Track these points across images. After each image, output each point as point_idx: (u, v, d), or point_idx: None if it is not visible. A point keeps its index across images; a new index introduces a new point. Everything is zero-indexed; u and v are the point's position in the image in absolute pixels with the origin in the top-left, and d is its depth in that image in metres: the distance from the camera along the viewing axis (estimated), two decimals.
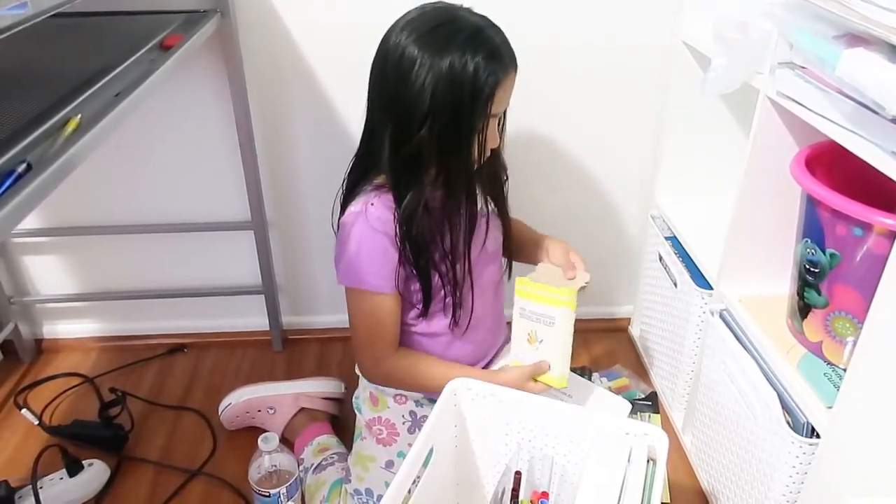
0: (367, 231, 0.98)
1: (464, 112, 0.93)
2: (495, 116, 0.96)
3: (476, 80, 0.91)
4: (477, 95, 0.92)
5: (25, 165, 0.63)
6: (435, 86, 0.91)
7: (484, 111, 0.93)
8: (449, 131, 0.94)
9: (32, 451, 1.20)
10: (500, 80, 0.93)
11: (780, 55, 0.91)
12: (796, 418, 0.89)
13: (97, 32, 1.12)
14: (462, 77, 0.91)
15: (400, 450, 1.12)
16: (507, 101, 0.98)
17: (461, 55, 0.91)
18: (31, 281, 1.52)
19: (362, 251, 0.99)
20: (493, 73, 0.92)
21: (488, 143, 0.98)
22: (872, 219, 0.80)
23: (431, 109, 0.93)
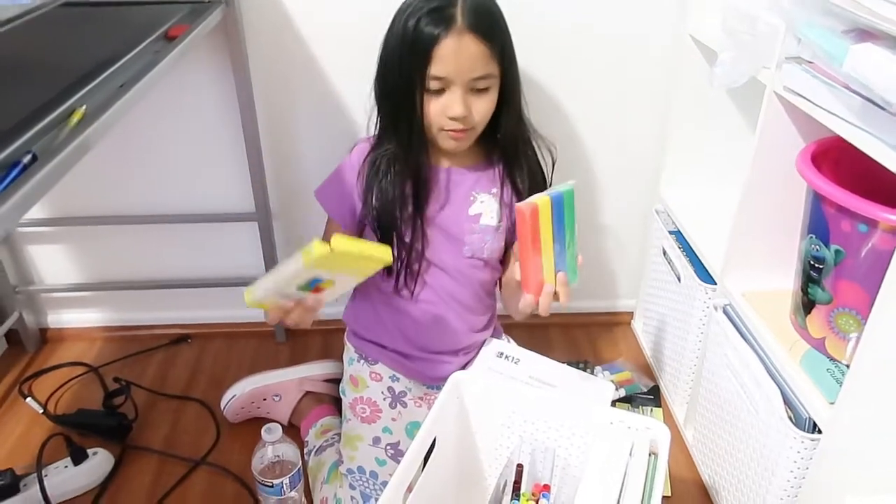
0: (345, 162, 1.12)
1: (405, 63, 0.97)
2: (441, 79, 0.97)
3: (415, 31, 0.95)
4: (414, 48, 0.96)
5: (31, 156, 0.63)
6: (395, 32, 0.98)
7: (421, 66, 0.96)
8: (395, 80, 1.00)
9: (37, 440, 1.21)
10: (439, 37, 0.94)
11: (787, 50, 0.91)
12: (798, 413, 0.89)
13: (101, 22, 1.12)
14: (408, 27, 0.96)
15: (384, 425, 1.16)
16: (461, 65, 0.96)
17: (417, 7, 0.95)
18: (36, 270, 1.53)
19: (335, 176, 1.14)
20: (430, 29, 0.94)
21: (446, 111, 0.99)
22: (878, 215, 0.80)
23: (388, 56, 1.00)
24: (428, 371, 1.18)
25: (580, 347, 1.56)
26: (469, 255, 1.12)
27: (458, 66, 0.96)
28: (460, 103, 0.98)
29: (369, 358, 1.21)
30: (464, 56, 0.96)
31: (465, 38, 0.95)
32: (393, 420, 1.16)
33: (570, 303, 0.94)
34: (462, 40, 0.95)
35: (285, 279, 0.87)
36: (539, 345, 1.20)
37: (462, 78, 0.97)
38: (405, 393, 1.19)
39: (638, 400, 1.39)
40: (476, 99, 1.00)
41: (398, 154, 1.05)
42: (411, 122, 1.01)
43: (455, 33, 0.94)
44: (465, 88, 0.98)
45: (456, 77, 0.97)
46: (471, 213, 1.11)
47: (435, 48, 0.94)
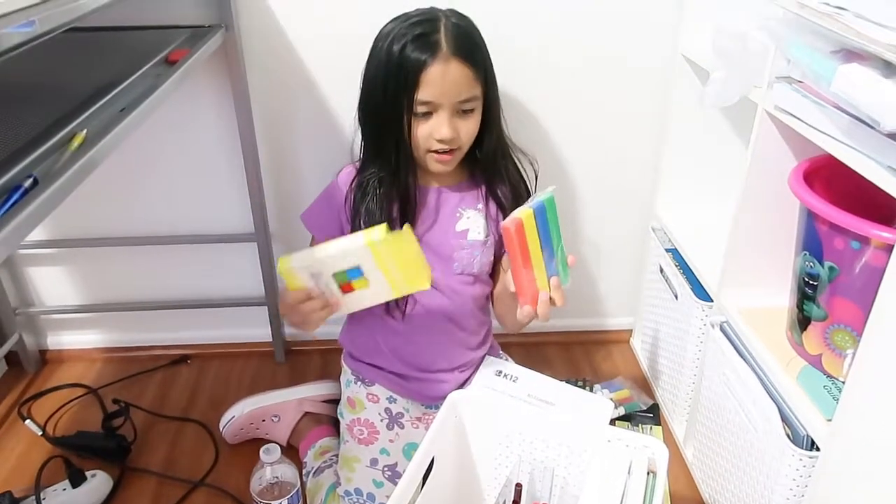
0: (332, 185, 1.14)
1: (390, 88, 0.99)
2: (428, 103, 0.99)
3: (401, 57, 0.97)
4: (400, 74, 0.97)
5: (32, 180, 0.64)
6: (379, 56, 1.00)
7: (409, 92, 0.97)
8: (381, 104, 1.01)
9: (36, 462, 1.21)
10: (425, 63, 0.96)
11: (777, 69, 0.92)
12: (796, 431, 0.89)
13: (103, 47, 1.13)
14: (393, 53, 0.98)
15: (381, 447, 1.16)
16: (447, 89, 0.98)
17: (402, 32, 0.98)
18: (36, 292, 1.53)
19: (320, 199, 1.16)
20: (417, 55, 0.96)
21: (433, 133, 1.01)
22: (870, 232, 0.80)
23: (373, 80, 1.02)
24: (425, 391, 1.18)
25: (579, 365, 1.56)
26: (459, 271, 1.13)
27: (444, 91, 0.98)
28: (447, 126, 1.00)
29: (366, 379, 1.21)
30: (450, 80, 0.98)
31: (451, 64, 0.97)
32: (390, 441, 1.16)
33: (567, 310, 0.99)
34: (448, 66, 0.97)
35: (331, 255, 0.88)
36: (537, 363, 1.21)
37: (449, 101, 1.00)
38: (402, 414, 1.19)
39: (637, 418, 1.39)
40: (462, 121, 1.02)
41: (384, 176, 1.06)
42: (398, 146, 1.03)
43: (441, 59, 0.97)
44: (451, 111, 1.01)
45: (443, 101, 0.99)
46: (458, 230, 1.13)
47: (422, 74, 0.96)
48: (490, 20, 1.08)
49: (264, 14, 1.25)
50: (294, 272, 0.91)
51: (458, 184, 1.13)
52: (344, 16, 1.26)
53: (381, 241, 0.85)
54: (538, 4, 1.27)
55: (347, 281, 0.91)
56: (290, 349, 1.59)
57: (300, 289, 0.93)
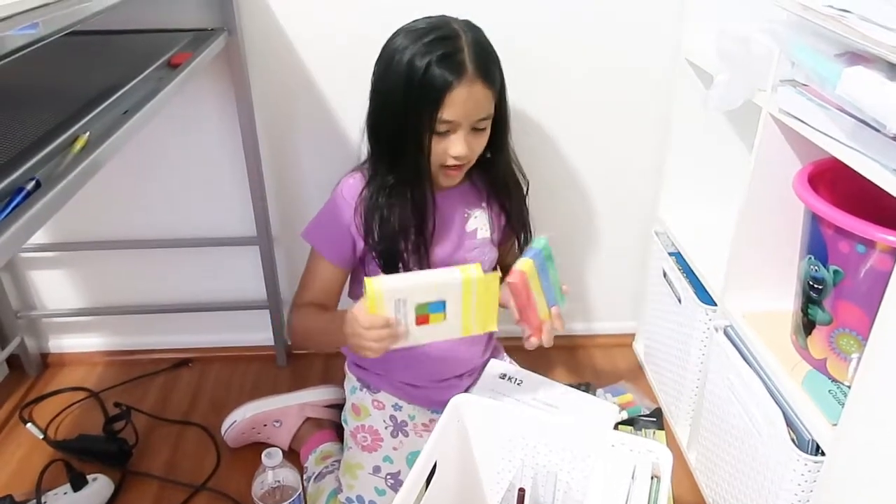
0: (336, 199, 1.10)
1: (411, 106, 0.97)
2: (449, 122, 0.98)
3: (425, 77, 0.95)
4: (424, 94, 0.96)
5: (34, 183, 0.64)
6: (397, 73, 0.98)
7: (431, 111, 0.96)
8: (399, 121, 1.00)
9: (37, 466, 1.21)
10: (451, 85, 0.95)
11: (781, 72, 0.92)
12: (801, 435, 0.89)
13: (106, 50, 1.14)
14: (415, 72, 0.96)
15: (385, 454, 1.15)
16: (469, 109, 0.98)
17: (423, 51, 0.96)
18: (38, 295, 1.53)
19: (325, 215, 1.11)
20: (444, 76, 0.95)
21: (449, 150, 1.01)
22: (875, 236, 0.80)
23: (390, 96, 1.00)
24: (434, 396, 1.18)
25: (582, 370, 1.56)
26: None
27: (466, 112, 0.98)
28: (464, 144, 1.00)
29: (372, 386, 1.20)
30: (472, 102, 0.98)
31: (475, 86, 0.97)
32: (394, 449, 1.15)
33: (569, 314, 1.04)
34: (473, 87, 0.97)
35: (422, 285, 0.89)
36: (540, 367, 1.20)
37: (468, 121, 1.00)
38: (407, 422, 1.18)
39: (640, 422, 1.38)
40: (474, 137, 1.02)
41: (397, 187, 1.04)
42: (416, 160, 1.01)
43: (467, 81, 0.96)
44: (467, 130, 1.01)
45: (463, 121, 0.99)
46: (468, 230, 1.13)
47: (448, 94, 0.96)
48: (493, 26, 1.08)
49: (267, 17, 1.26)
50: (383, 296, 0.89)
51: (461, 185, 1.13)
52: (346, 19, 1.26)
53: (477, 279, 0.88)
54: (541, 10, 1.27)
55: (426, 313, 0.91)
56: (292, 353, 1.59)
57: (381, 314, 0.89)
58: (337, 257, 1.10)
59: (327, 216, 1.11)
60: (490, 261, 1.17)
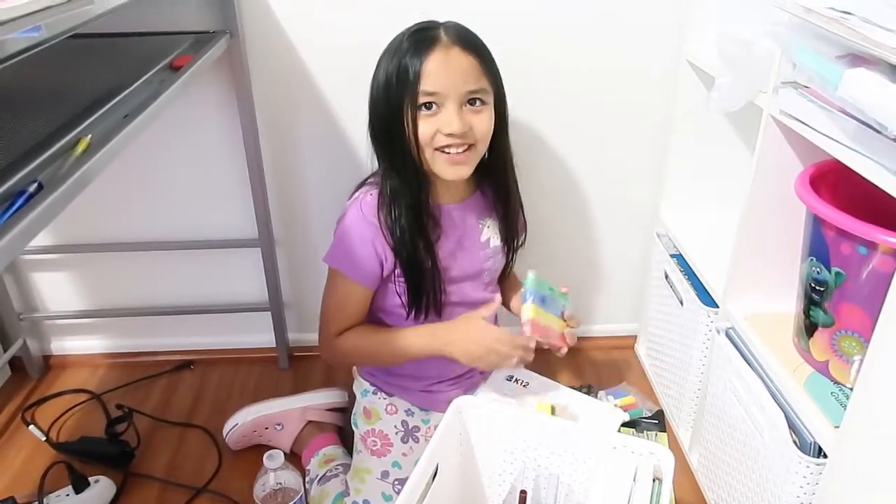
0: (357, 219, 1.04)
1: (395, 89, 0.96)
2: (433, 94, 0.95)
3: (403, 58, 0.95)
4: (404, 69, 0.95)
5: (36, 185, 0.64)
6: (384, 65, 0.99)
7: (412, 89, 0.95)
8: (388, 111, 0.98)
9: (39, 468, 1.21)
10: (427, 52, 0.94)
11: (783, 74, 0.92)
12: (803, 438, 0.89)
13: (108, 53, 1.14)
14: (395, 54, 0.96)
15: (394, 460, 1.15)
16: (453, 79, 0.95)
17: (401, 36, 0.97)
18: (40, 297, 1.54)
19: (347, 237, 1.05)
20: (418, 47, 0.95)
21: (442, 129, 0.96)
22: (877, 238, 0.80)
23: (373, 96, 1.00)
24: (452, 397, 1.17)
25: (583, 372, 1.56)
26: (488, 280, 1.15)
27: (449, 79, 0.94)
28: (457, 117, 0.95)
29: (385, 390, 1.19)
30: (454, 67, 0.95)
31: (452, 51, 0.95)
32: (403, 455, 1.15)
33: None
34: (450, 52, 0.95)
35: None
36: (542, 369, 1.20)
37: (456, 91, 0.95)
38: (418, 428, 1.18)
39: (642, 424, 1.38)
40: (474, 115, 0.97)
41: (401, 192, 1.01)
42: (409, 150, 0.98)
43: (442, 47, 0.94)
44: (459, 102, 0.96)
45: (449, 90, 0.94)
46: (483, 240, 1.13)
47: (423, 64, 0.93)
48: (493, 26, 1.08)
49: (268, 20, 1.26)
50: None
51: (473, 196, 1.13)
52: (348, 21, 1.26)
53: None
54: (541, 11, 1.27)
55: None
56: (294, 355, 1.59)
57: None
58: (367, 279, 1.06)
59: (348, 238, 1.05)
60: (499, 268, 1.18)
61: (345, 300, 1.08)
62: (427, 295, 1.07)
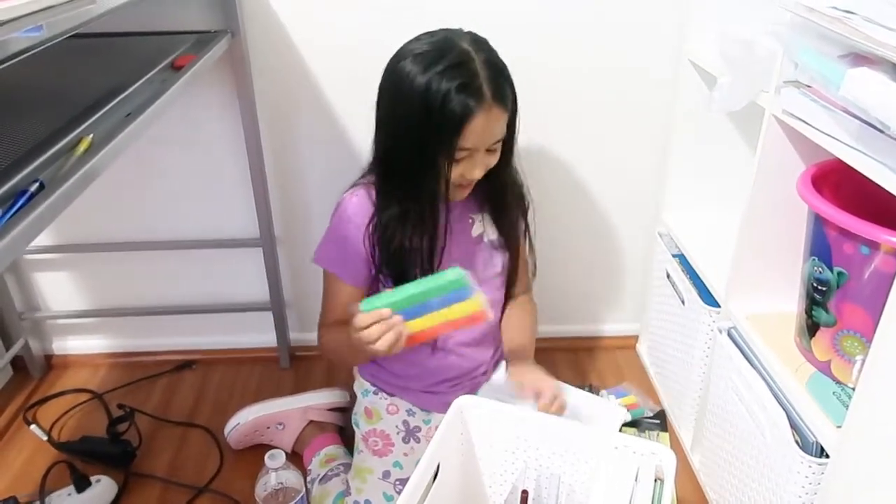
0: (342, 220, 1.08)
1: (429, 137, 0.96)
2: (469, 150, 0.98)
3: (444, 107, 0.94)
4: (443, 123, 0.95)
5: (38, 185, 0.64)
6: (411, 103, 0.96)
7: (450, 140, 0.96)
8: (415, 150, 0.98)
9: (41, 467, 1.21)
10: (472, 113, 0.94)
11: (785, 74, 0.92)
12: (805, 438, 0.89)
13: (109, 53, 1.14)
14: (433, 101, 0.94)
15: (395, 460, 1.15)
16: (487, 135, 0.98)
17: (439, 79, 0.94)
18: (42, 297, 1.54)
19: (332, 237, 1.10)
20: (464, 105, 0.94)
21: (465, 175, 1.01)
22: (879, 237, 0.80)
23: (405, 124, 0.98)
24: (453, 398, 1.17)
25: (585, 371, 1.55)
26: (485, 276, 1.14)
27: (484, 138, 0.98)
28: (481, 168, 1.01)
29: (387, 390, 1.20)
30: (490, 128, 0.98)
31: (493, 112, 0.96)
32: (405, 455, 1.15)
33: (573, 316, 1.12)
34: (490, 114, 0.96)
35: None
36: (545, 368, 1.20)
37: (485, 146, 1.00)
38: (420, 428, 1.18)
39: (644, 424, 1.38)
40: (490, 156, 1.02)
41: (412, 212, 1.03)
42: (433, 185, 1.00)
43: (485, 109, 0.95)
44: (483, 153, 1.01)
45: (481, 146, 0.99)
46: (475, 235, 1.13)
47: (467, 125, 0.95)
48: (494, 27, 1.08)
49: (270, 19, 1.26)
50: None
51: None
52: (349, 21, 1.26)
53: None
54: (542, 12, 1.27)
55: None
56: (295, 354, 1.59)
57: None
58: (352, 278, 1.09)
59: (336, 238, 1.09)
60: (503, 262, 1.15)
61: (333, 297, 1.12)
62: None
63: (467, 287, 0.94)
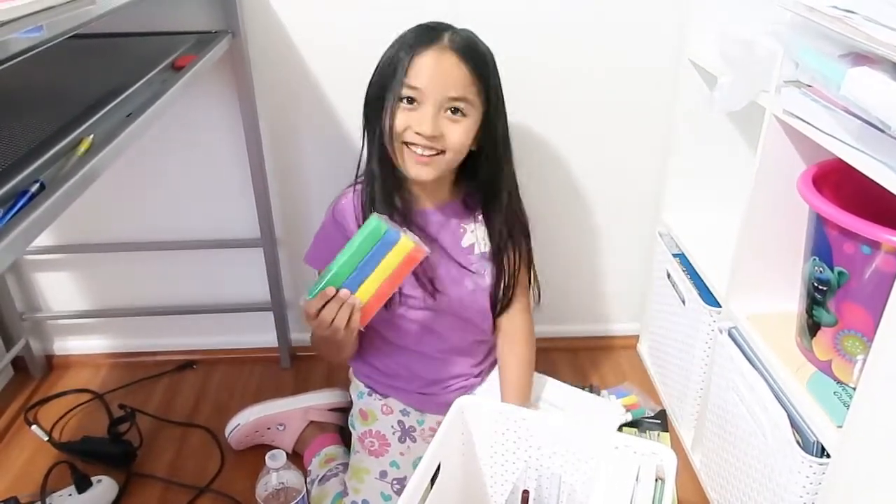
0: (328, 221, 1.11)
1: (386, 71, 0.98)
2: (414, 89, 0.95)
3: (398, 50, 0.97)
4: (393, 61, 0.97)
5: (39, 185, 0.64)
6: (379, 66, 1.00)
7: (398, 77, 0.95)
8: (373, 92, 1.00)
9: (42, 468, 1.21)
10: (419, 48, 0.95)
11: (785, 74, 0.92)
12: (806, 437, 0.89)
13: (110, 53, 1.14)
14: (398, 40, 0.98)
15: (392, 459, 1.15)
16: (438, 80, 0.95)
17: (411, 28, 0.98)
18: (43, 297, 1.54)
19: (319, 238, 1.13)
20: (414, 41, 0.96)
21: (413, 125, 0.96)
22: (880, 237, 0.80)
23: (369, 88, 1.01)
24: (445, 399, 1.17)
25: (585, 371, 1.55)
26: (472, 287, 1.12)
27: (433, 80, 0.94)
28: (430, 120, 0.95)
29: (380, 391, 1.20)
30: (441, 70, 0.94)
31: (445, 54, 0.95)
32: (401, 454, 1.15)
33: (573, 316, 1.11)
34: (442, 55, 0.95)
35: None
36: (544, 369, 1.20)
37: (436, 94, 0.95)
38: (415, 428, 1.18)
39: (644, 424, 1.38)
40: (450, 123, 0.97)
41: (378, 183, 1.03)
42: (383, 126, 0.97)
43: (437, 48, 0.95)
44: (438, 107, 0.96)
45: (430, 91, 0.94)
46: (465, 246, 1.11)
47: (414, 58, 0.94)
48: (495, 27, 1.08)
49: (270, 19, 1.26)
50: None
51: (453, 202, 1.11)
52: (349, 21, 1.26)
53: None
54: (542, 13, 1.27)
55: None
56: (296, 354, 1.59)
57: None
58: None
59: (322, 240, 1.12)
60: (492, 274, 1.12)
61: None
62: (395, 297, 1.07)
63: (390, 231, 0.91)
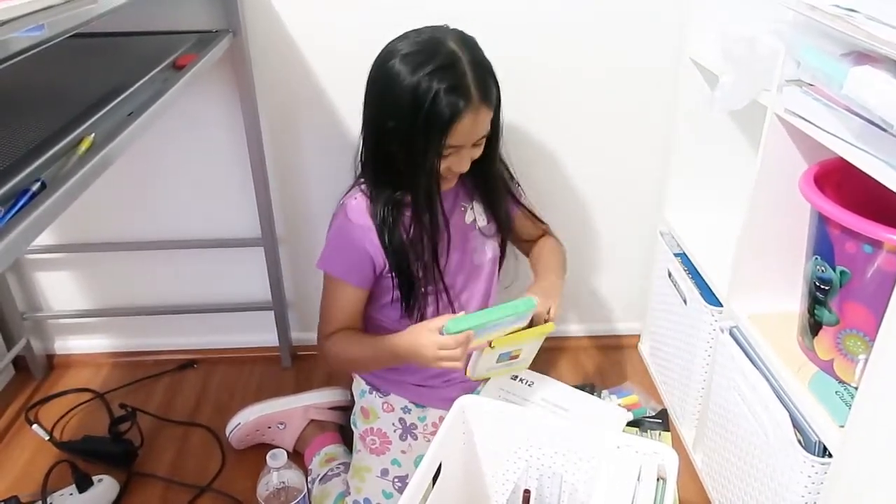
0: (343, 222, 1.09)
1: (418, 135, 0.99)
2: (457, 147, 1.01)
3: (434, 108, 0.96)
4: (432, 123, 0.97)
5: (40, 184, 0.64)
6: (401, 103, 0.98)
7: (439, 139, 0.98)
8: (407, 149, 1.01)
9: (43, 467, 1.21)
10: (460, 113, 0.97)
11: (787, 73, 0.92)
12: (808, 437, 0.88)
13: (111, 52, 1.14)
14: (422, 102, 0.96)
15: (393, 457, 1.15)
16: (474, 133, 1.01)
17: (428, 81, 0.96)
18: (44, 297, 1.54)
19: (335, 240, 1.11)
20: (453, 106, 0.96)
21: (453, 168, 1.04)
22: (882, 236, 0.79)
23: (395, 124, 1.00)
24: (446, 393, 1.18)
25: (587, 371, 1.55)
26: (478, 262, 1.16)
27: (471, 136, 1.01)
28: (468, 162, 1.04)
29: (381, 389, 1.20)
30: (476, 126, 1.01)
31: (480, 112, 0.99)
32: (402, 452, 1.15)
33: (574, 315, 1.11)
34: (478, 114, 0.99)
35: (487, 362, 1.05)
36: (545, 368, 1.20)
37: (471, 142, 1.03)
38: (416, 425, 1.19)
39: (646, 424, 1.38)
40: (475, 149, 1.05)
41: (404, 200, 1.07)
42: (424, 181, 1.03)
43: (473, 109, 0.98)
44: (469, 147, 1.03)
45: (468, 143, 1.02)
46: (468, 222, 1.15)
47: (456, 124, 0.97)
48: (494, 27, 1.09)
49: (271, 19, 1.26)
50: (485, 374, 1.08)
51: (455, 186, 1.14)
52: (350, 20, 1.26)
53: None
54: (542, 12, 1.27)
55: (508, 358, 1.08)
56: (297, 354, 1.59)
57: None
58: (359, 280, 1.10)
59: (342, 243, 1.10)
60: (494, 248, 1.18)
61: (338, 303, 1.12)
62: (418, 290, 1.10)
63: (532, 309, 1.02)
